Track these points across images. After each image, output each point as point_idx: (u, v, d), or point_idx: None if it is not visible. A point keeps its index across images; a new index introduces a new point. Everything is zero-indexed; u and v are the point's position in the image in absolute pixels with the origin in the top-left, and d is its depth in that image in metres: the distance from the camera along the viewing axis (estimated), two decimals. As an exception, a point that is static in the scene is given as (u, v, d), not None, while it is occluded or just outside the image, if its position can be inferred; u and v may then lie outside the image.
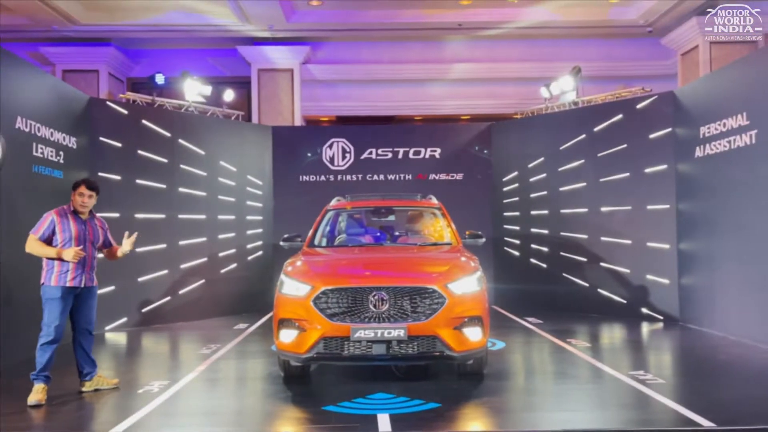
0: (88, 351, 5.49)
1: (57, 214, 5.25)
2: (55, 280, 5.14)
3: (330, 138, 11.59)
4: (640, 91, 10.04)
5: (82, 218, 5.36)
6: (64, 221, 5.24)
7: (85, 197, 5.33)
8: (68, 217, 5.28)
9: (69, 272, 5.17)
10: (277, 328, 5.48)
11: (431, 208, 7.25)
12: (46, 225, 5.21)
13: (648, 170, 9.37)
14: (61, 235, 5.21)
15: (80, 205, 5.32)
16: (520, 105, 12.38)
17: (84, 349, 5.46)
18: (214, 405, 5.20)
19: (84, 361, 5.49)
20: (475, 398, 5.19)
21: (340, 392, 5.34)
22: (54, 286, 5.12)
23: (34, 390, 5.12)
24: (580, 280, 10.19)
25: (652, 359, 6.93)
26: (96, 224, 5.51)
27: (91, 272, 5.37)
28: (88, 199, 5.34)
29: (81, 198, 5.32)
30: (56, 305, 5.12)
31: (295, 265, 5.80)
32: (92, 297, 5.41)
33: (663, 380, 5.59)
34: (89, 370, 5.51)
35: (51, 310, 5.12)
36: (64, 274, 5.15)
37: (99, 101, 9.34)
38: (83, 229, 5.33)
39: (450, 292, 5.29)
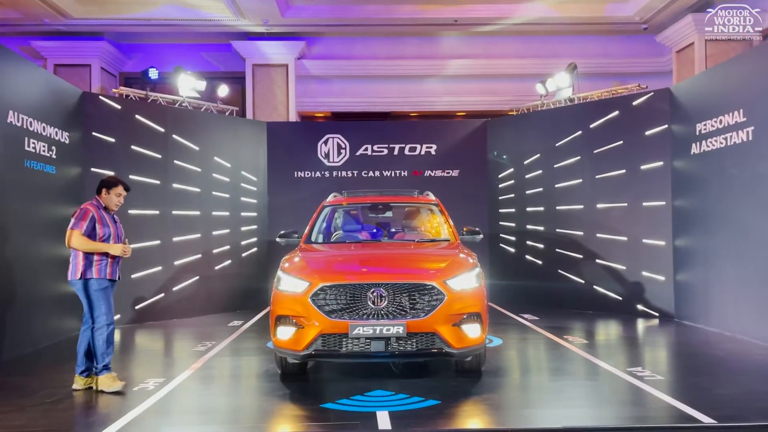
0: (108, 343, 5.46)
1: (95, 211, 5.37)
2: (102, 272, 5.31)
3: (325, 134, 11.52)
4: (636, 88, 10.04)
5: (112, 215, 5.55)
6: (103, 219, 5.39)
7: (122, 198, 5.53)
8: (102, 213, 5.43)
9: (108, 266, 5.35)
10: (274, 325, 5.43)
11: (429, 204, 7.21)
12: (88, 221, 5.31)
13: (644, 167, 9.36)
14: (102, 230, 5.35)
15: (116, 204, 5.50)
16: (516, 101, 12.36)
17: (102, 343, 5.42)
18: (210, 403, 5.14)
19: (87, 356, 5.47)
20: (474, 395, 5.16)
21: (338, 390, 5.30)
22: (99, 278, 5.29)
23: (110, 378, 5.30)
24: (576, 276, 10.19)
25: (649, 356, 6.92)
26: (117, 220, 5.66)
27: (121, 266, 5.59)
28: (122, 199, 5.54)
29: (118, 198, 5.51)
30: (104, 297, 5.29)
31: (292, 261, 5.75)
32: (114, 290, 5.56)
33: (661, 376, 5.59)
34: (88, 366, 5.48)
35: (106, 299, 5.29)
36: (105, 267, 5.33)
37: (92, 96, 9.23)
38: (115, 226, 5.52)
39: (449, 289, 5.25)
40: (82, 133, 8.78)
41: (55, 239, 8.17)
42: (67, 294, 8.40)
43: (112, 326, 5.38)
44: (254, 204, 11.27)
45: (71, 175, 8.58)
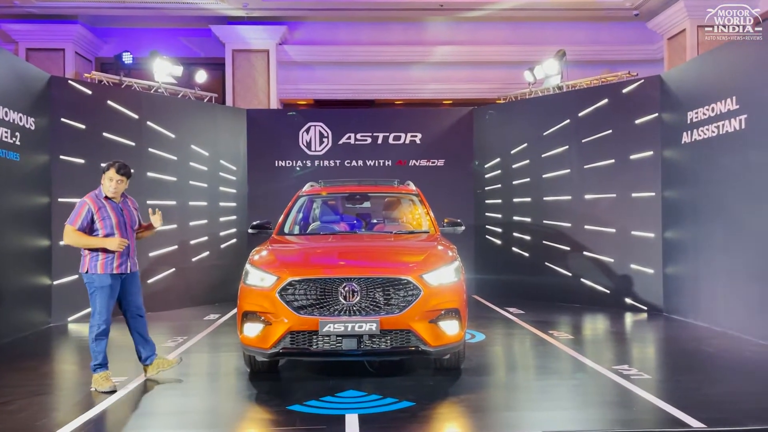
0: (144, 335, 5.33)
1: (92, 203, 5.05)
2: (102, 267, 5.01)
3: (307, 121, 11.18)
4: (626, 76, 9.77)
5: (116, 203, 5.17)
6: (103, 210, 5.07)
7: (115, 182, 5.10)
8: (104, 204, 5.09)
9: (114, 259, 5.05)
10: (240, 322, 5.14)
11: (409, 194, 6.92)
12: (83, 214, 5.01)
13: (633, 157, 9.11)
14: (102, 224, 5.05)
15: (111, 191, 5.10)
16: (503, 89, 12.07)
17: (140, 334, 5.30)
18: (169, 405, 4.84)
19: (141, 345, 5.32)
20: (451, 396, 4.89)
21: (308, 389, 5.02)
22: (101, 274, 5.00)
23: (102, 378, 5.02)
24: (563, 269, 9.95)
25: (636, 353, 6.69)
26: (130, 206, 5.33)
27: (134, 257, 5.27)
28: (117, 184, 5.11)
29: (110, 183, 5.10)
30: (105, 293, 5.01)
31: (261, 254, 5.45)
32: (137, 281, 5.32)
33: (648, 375, 5.34)
34: (148, 354, 5.33)
35: (101, 299, 5.01)
36: (110, 261, 5.03)
37: (60, 80, 8.83)
38: (121, 215, 5.17)
39: (425, 283, 4.97)
40: (49, 118, 8.41)
41: (20, 230, 7.84)
42: (34, 287, 8.08)
43: (104, 327, 5.02)
44: (233, 194, 10.93)
45: (38, 163, 8.21)
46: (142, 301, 5.37)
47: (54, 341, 7.54)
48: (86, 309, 8.75)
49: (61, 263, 8.41)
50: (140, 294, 5.35)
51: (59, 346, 7.40)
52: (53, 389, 5.19)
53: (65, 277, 8.48)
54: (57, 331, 8.05)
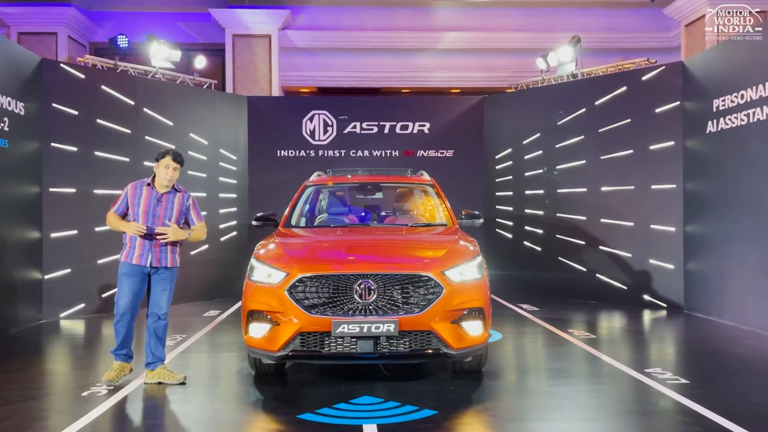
0: (160, 336, 5.01)
1: (132, 187, 4.98)
2: (125, 256, 4.90)
3: (311, 110, 10.74)
4: (645, 62, 9.34)
5: (156, 192, 4.93)
6: (137, 194, 4.93)
7: (170, 170, 4.91)
8: (142, 189, 4.93)
9: (136, 249, 4.87)
10: (246, 322, 4.73)
11: (423, 184, 6.50)
12: (122, 198, 4.96)
13: (653, 147, 8.71)
14: (132, 209, 4.93)
15: (166, 178, 4.91)
16: (515, 78, 11.65)
17: (153, 335, 4.98)
18: (167, 413, 4.43)
19: (150, 347, 4.99)
20: (475, 403, 4.49)
21: (319, 395, 4.61)
22: (123, 262, 4.91)
23: (112, 368, 4.95)
24: (578, 264, 9.56)
25: (666, 354, 6.30)
26: (174, 200, 4.99)
27: (162, 252, 4.92)
28: (173, 172, 4.92)
29: (166, 171, 4.90)
30: (123, 282, 4.88)
31: (267, 248, 5.04)
32: (164, 279, 4.98)
33: (685, 380, 4.94)
34: (151, 360, 4.99)
35: (119, 286, 4.91)
36: (132, 251, 4.88)
37: (52, 63, 8.37)
38: (154, 204, 4.90)
39: (447, 281, 4.57)
40: (40, 104, 7.97)
41: (8, 221, 7.40)
42: (23, 282, 7.64)
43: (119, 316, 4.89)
44: (233, 185, 10.50)
45: (28, 150, 7.78)
46: (165, 302, 5.00)
47: (45, 339, 7.13)
48: (80, 304, 8.37)
49: (52, 257, 8.00)
50: (166, 293, 5.00)
51: (50, 344, 6.99)
52: (42, 394, 4.77)
53: (57, 271, 8.07)
54: (48, 328, 7.64)
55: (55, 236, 8.06)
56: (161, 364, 5.01)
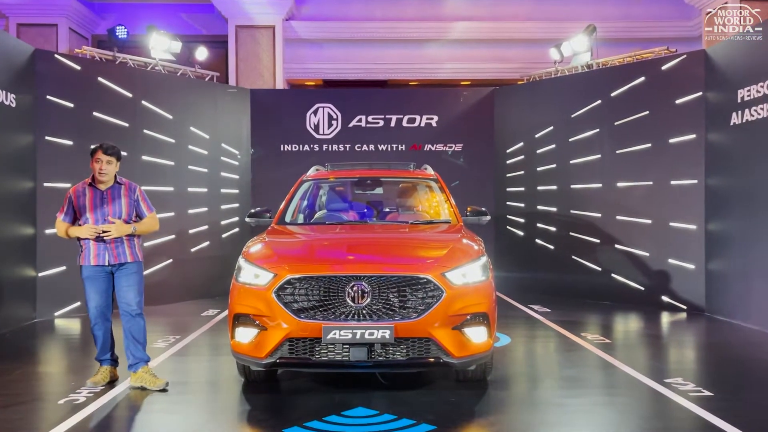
0: (136, 337, 4.78)
1: (74, 191, 4.77)
2: (82, 258, 4.72)
3: (315, 103, 10.41)
4: (665, 52, 8.88)
5: (99, 189, 4.74)
6: (80, 196, 4.74)
7: (103, 163, 4.68)
8: (85, 191, 4.75)
9: (91, 249, 4.69)
10: (232, 326, 4.41)
11: (426, 179, 6.13)
12: (67, 203, 4.76)
13: (673, 140, 8.26)
14: (79, 213, 4.74)
15: (99, 173, 4.69)
16: (527, 69, 11.23)
17: (129, 336, 4.77)
18: (147, 423, 4.12)
19: (129, 348, 4.78)
20: (478, 417, 4.13)
21: (309, 406, 4.28)
22: (83, 266, 4.74)
23: (96, 372, 4.86)
24: (592, 263, 9.15)
25: (687, 362, 5.90)
26: (120, 194, 4.79)
27: (119, 247, 4.72)
28: (106, 165, 4.69)
29: (98, 165, 4.69)
30: (88, 286, 4.74)
31: (256, 247, 4.72)
32: (128, 274, 4.77)
33: (708, 392, 4.54)
34: (134, 361, 4.77)
35: (85, 291, 4.77)
36: (88, 252, 4.70)
37: (46, 54, 8.12)
38: (99, 203, 4.72)
39: (448, 283, 4.21)
40: (33, 95, 7.73)
41: (1, 215, 7.17)
42: (17, 279, 7.40)
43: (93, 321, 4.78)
44: (235, 180, 10.21)
45: (20, 144, 7.54)
46: (135, 297, 4.78)
47: (37, 339, 6.88)
48: (75, 303, 8.12)
49: (46, 254, 7.76)
50: (134, 289, 4.78)
51: (42, 344, 6.74)
52: (16, 401, 4.49)
53: (51, 269, 7.83)
54: (42, 327, 7.39)
55: (49, 233, 7.80)
56: (143, 365, 4.77)
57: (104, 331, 4.78)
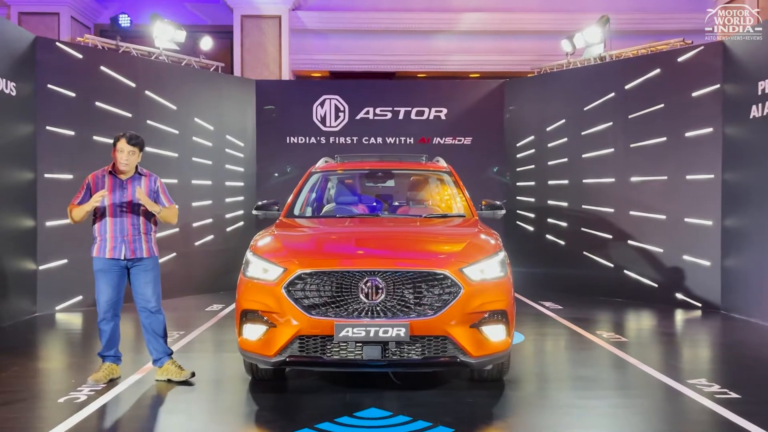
0: (157, 332, 4.71)
1: (93, 178, 4.63)
2: (97, 250, 4.60)
3: (322, 94, 10.21)
4: (681, 43, 8.66)
5: (120, 179, 4.60)
6: (99, 184, 4.59)
7: (125, 154, 4.54)
8: (104, 179, 4.61)
9: (108, 241, 4.56)
10: (239, 322, 4.24)
11: (439, 172, 5.94)
12: (84, 191, 4.61)
13: (689, 134, 8.06)
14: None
15: (122, 163, 4.55)
16: (538, 61, 11.00)
17: (150, 332, 4.69)
18: (150, 424, 3.95)
19: (150, 344, 4.71)
20: (497, 419, 3.96)
21: (320, 406, 4.11)
22: (96, 257, 4.61)
23: (98, 368, 4.69)
24: (604, 259, 8.95)
25: (709, 361, 5.72)
26: (140, 185, 4.65)
27: (136, 242, 4.60)
28: (128, 156, 4.55)
29: (121, 155, 4.55)
30: (100, 279, 4.61)
31: (265, 240, 4.54)
32: (145, 270, 4.66)
33: (735, 394, 4.36)
34: (157, 357, 4.71)
35: (97, 285, 4.64)
36: (103, 244, 4.57)
37: (47, 42, 7.93)
38: (120, 192, 4.58)
39: (466, 279, 4.03)
40: (34, 84, 7.55)
41: (0, 207, 7.01)
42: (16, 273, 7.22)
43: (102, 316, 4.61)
44: (240, 173, 10.02)
45: (20, 134, 7.36)
46: (153, 293, 4.70)
47: (37, 334, 6.72)
48: (77, 296, 7.96)
49: (47, 246, 7.59)
50: (152, 285, 4.69)
51: (41, 339, 6.58)
52: (14, 399, 4.32)
53: (52, 262, 7.66)
54: (42, 321, 7.23)
55: (50, 225, 7.65)
56: (168, 359, 4.68)
57: (112, 327, 4.65)
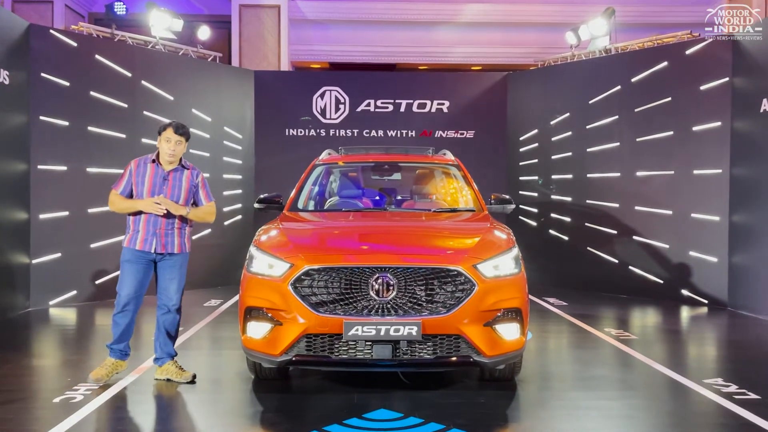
0: (169, 331, 4.50)
1: (135, 164, 4.47)
2: (128, 240, 4.43)
3: (322, 86, 10.02)
4: (688, 36, 8.52)
5: (163, 169, 4.42)
6: (140, 171, 4.43)
7: (173, 143, 4.37)
8: (146, 167, 4.43)
9: (140, 233, 4.38)
10: (243, 320, 4.07)
11: (446, 165, 5.78)
12: (126, 177, 4.44)
13: (697, 128, 7.93)
14: (136, 189, 4.43)
15: (168, 153, 4.38)
16: (541, 54, 10.86)
17: (163, 330, 4.48)
18: (149, 427, 3.78)
19: (158, 341, 4.51)
20: (513, 421, 3.81)
21: (327, 407, 3.96)
22: (125, 248, 4.43)
23: (103, 366, 4.41)
24: (609, 255, 8.83)
25: (722, 360, 5.60)
26: (182, 178, 4.48)
27: (168, 236, 4.40)
28: (176, 145, 4.39)
29: (168, 144, 4.38)
30: (125, 269, 4.40)
31: (269, 234, 4.37)
32: (172, 266, 4.45)
33: (755, 394, 4.23)
34: (160, 355, 4.51)
35: (121, 274, 4.43)
36: (135, 235, 4.40)
37: (41, 29, 7.70)
38: (160, 183, 4.40)
39: (480, 276, 3.88)
40: (27, 73, 7.34)
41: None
42: (9, 266, 7.02)
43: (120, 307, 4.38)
44: (238, 165, 9.83)
45: (13, 123, 7.16)
46: (177, 292, 4.47)
47: (30, 329, 6.54)
48: (71, 291, 7.77)
49: (41, 240, 7.40)
50: (176, 282, 4.47)
51: (35, 335, 6.40)
52: (17, 397, 4.15)
53: (46, 256, 7.47)
54: (36, 316, 7.04)
55: (44, 218, 7.46)
56: (170, 360, 4.49)
57: (129, 321, 4.42)
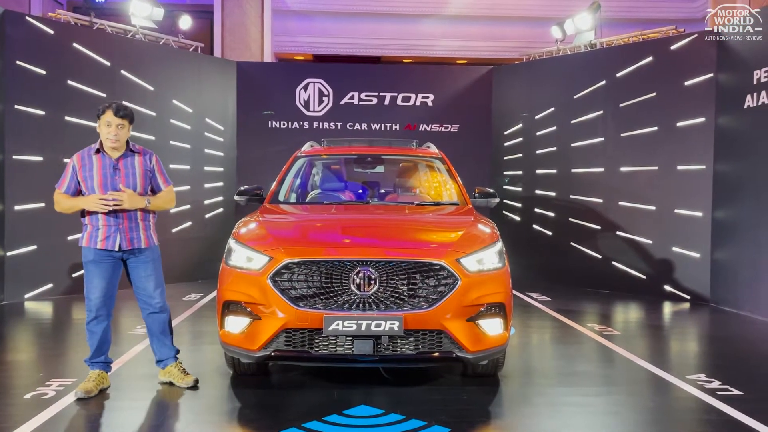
0: (162, 332, 4.22)
1: (78, 158, 4.01)
2: (87, 240, 3.99)
3: (305, 78, 9.90)
4: (673, 31, 8.52)
5: (110, 158, 4.00)
6: (86, 165, 3.98)
7: (113, 127, 3.93)
8: (92, 159, 3.99)
9: (100, 230, 3.96)
10: (221, 314, 3.97)
11: (430, 158, 5.71)
12: (69, 174, 4.01)
13: (681, 124, 7.93)
14: (84, 184, 3.99)
15: (110, 139, 3.95)
16: (526, 48, 10.83)
17: (153, 331, 4.22)
18: (123, 424, 3.67)
19: (153, 344, 4.26)
20: (495, 418, 3.76)
21: (307, 403, 3.88)
22: (85, 248, 4.00)
23: (88, 379, 4.04)
24: (592, 250, 8.83)
25: (705, 356, 5.59)
26: (134, 164, 4.06)
27: (133, 230, 4.02)
28: (117, 130, 3.94)
29: (108, 129, 3.93)
30: (90, 271, 4.00)
31: (249, 227, 4.27)
32: (145, 262, 4.10)
33: (737, 390, 4.22)
34: (160, 358, 4.26)
35: (87, 279, 4.02)
36: (94, 233, 3.97)
37: (17, 16, 7.50)
38: (110, 173, 3.98)
39: (463, 270, 3.82)
40: (2, 61, 7.18)
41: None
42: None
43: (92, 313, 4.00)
44: (220, 157, 9.68)
45: (-14, 113, 6.95)
46: (156, 288, 4.14)
47: (4, 323, 6.39)
48: (47, 284, 7.60)
49: (15, 231, 7.24)
50: (153, 279, 4.12)
51: (8, 329, 6.23)
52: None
53: (21, 248, 7.30)
54: (10, 310, 6.88)
55: (19, 209, 7.28)
56: (173, 361, 4.25)
57: (104, 329, 4.04)
